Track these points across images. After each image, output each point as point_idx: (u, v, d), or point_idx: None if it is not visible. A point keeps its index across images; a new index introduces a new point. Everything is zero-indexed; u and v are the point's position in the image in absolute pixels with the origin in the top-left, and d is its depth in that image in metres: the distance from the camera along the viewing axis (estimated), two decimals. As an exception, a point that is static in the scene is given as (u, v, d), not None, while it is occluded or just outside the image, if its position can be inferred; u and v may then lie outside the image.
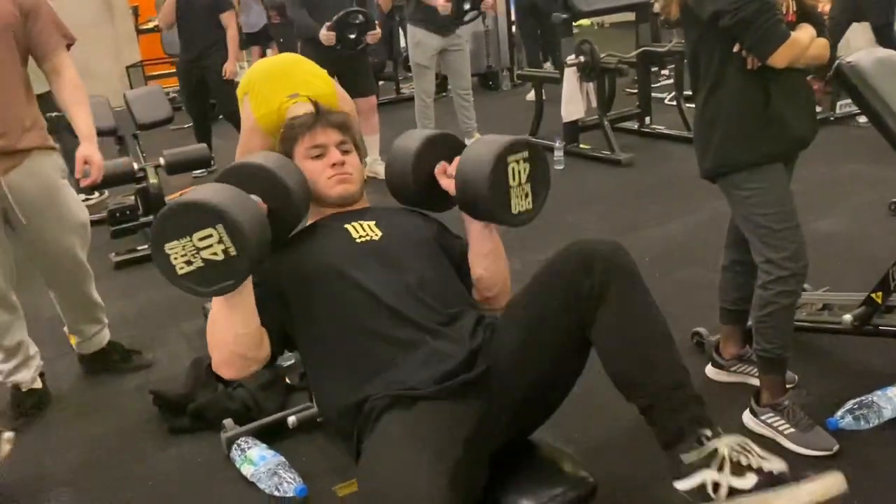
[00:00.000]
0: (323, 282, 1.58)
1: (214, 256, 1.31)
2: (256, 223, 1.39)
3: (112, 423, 2.56)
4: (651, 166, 4.78)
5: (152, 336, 3.16)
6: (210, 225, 1.30)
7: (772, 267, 2.05)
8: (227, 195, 1.38)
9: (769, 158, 2.02)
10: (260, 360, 1.53)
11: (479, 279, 1.76)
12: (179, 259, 1.32)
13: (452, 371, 1.45)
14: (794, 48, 1.90)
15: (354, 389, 1.48)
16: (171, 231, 1.32)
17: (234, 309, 1.45)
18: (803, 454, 2.03)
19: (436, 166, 1.75)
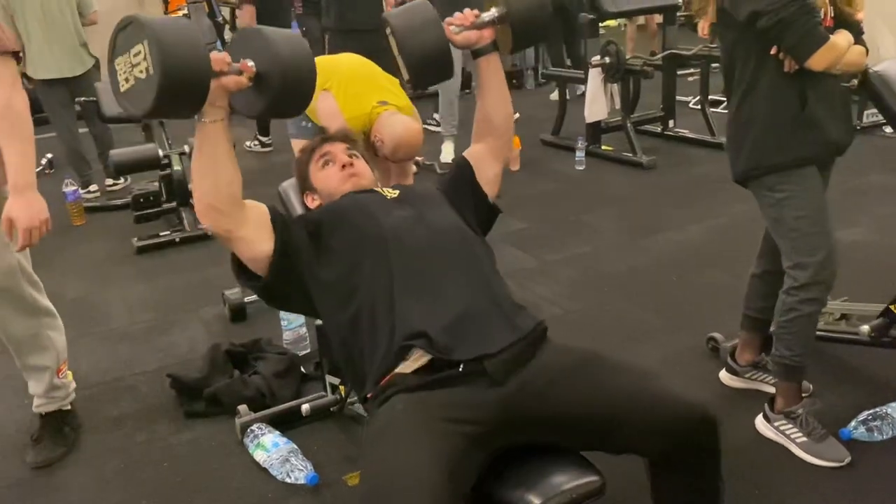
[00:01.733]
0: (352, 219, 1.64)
1: (140, 74, 1.33)
2: (187, 50, 1.34)
3: (129, 404, 2.60)
4: (673, 170, 4.76)
5: (171, 320, 3.20)
6: (140, 40, 1.33)
7: (799, 272, 2.03)
8: (169, 22, 1.38)
9: (803, 161, 2.00)
10: (235, 219, 1.52)
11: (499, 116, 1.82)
12: (122, 76, 1.37)
13: (492, 353, 1.44)
14: (833, 52, 1.88)
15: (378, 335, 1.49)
16: (119, 46, 1.37)
17: (203, 155, 1.48)
18: (814, 464, 2.02)
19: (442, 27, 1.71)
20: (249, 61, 1.48)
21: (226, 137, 1.50)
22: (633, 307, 3.02)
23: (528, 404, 1.43)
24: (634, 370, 1.53)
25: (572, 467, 1.43)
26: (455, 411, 1.37)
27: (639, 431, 1.43)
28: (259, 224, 1.58)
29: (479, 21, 1.72)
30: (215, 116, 1.46)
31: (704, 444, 1.46)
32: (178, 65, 1.33)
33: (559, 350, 1.52)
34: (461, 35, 1.71)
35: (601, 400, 1.45)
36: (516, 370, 1.45)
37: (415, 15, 1.71)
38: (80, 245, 4.23)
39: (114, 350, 3.00)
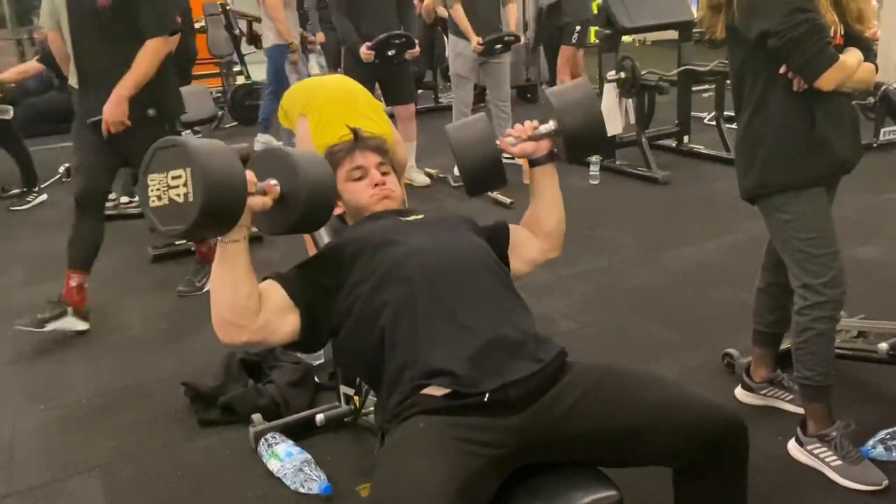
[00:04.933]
0: (374, 244, 1.63)
1: (177, 197, 1.35)
2: (228, 183, 1.36)
3: (144, 411, 2.61)
4: (688, 185, 4.75)
5: (186, 329, 3.21)
6: (182, 166, 1.34)
7: (808, 292, 2.03)
8: (213, 149, 1.39)
9: (811, 182, 2.01)
10: (253, 330, 1.52)
11: (551, 223, 1.85)
12: (154, 192, 1.38)
13: (514, 383, 1.43)
14: (842, 71, 1.88)
15: (396, 363, 1.50)
16: (156, 163, 1.38)
17: (223, 272, 1.48)
18: (851, 488, 1.99)
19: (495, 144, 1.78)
20: (273, 180, 1.50)
21: (246, 256, 1.50)
22: (648, 323, 3.01)
23: (549, 427, 1.43)
24: (655, 379, 1.53)
25: (589, 482, 1.42)
26: (475, 433, 1.38)
27: (666, 440, 1.43)
28: (278, 311, 1.56)
29: (535, 133, 1.76)
30: (237, 237, 1.47)
31: (733, 448, 1.46)
32: (218, 200, 1.35)
33: (580, 372, 1.51)
34: (518, 147, 1.76)
35: (625, 413, 1.45)
36: (538, 398, 1.45)
37: (469, 129, 1.79)
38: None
39: (129, 357, 3.01)
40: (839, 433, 2.06)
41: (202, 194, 1.33)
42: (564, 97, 1.76)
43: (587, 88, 1.79)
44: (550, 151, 1.80)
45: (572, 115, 1.73)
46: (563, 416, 1.44)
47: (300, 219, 1.55)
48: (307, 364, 2.69)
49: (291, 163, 1.53)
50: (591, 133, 1.75)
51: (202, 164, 1.34)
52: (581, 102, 1.75)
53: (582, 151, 1.83)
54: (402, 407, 1.46)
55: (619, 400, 1.47)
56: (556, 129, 1.75)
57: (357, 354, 1.63)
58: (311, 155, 1.62)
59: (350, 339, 1.62)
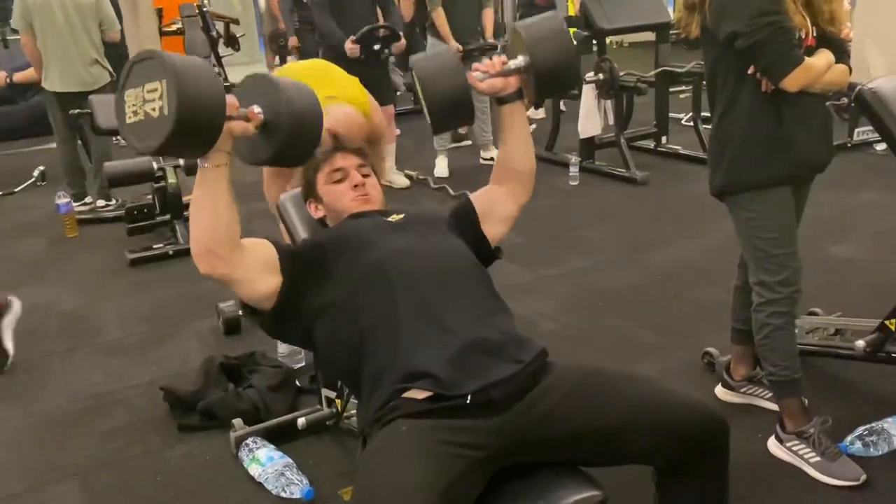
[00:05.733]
0: (355, 245, 1.62)
1: (152, 111, 1.32)
2: (205, 98, 1.32)
3: (122, 417, 2.58)
4: (666, 186, 4.78)
5: (164, 333, 3.18)
6: (158, 78, 1.31)
7: (763, 289, 2.08)
8: (190, 62, 1.35)
9: (776, 181, 2.04)
10: (233, 263, 1.50)
11: (523, 163, 1.82)
12: (130, 108, 1.35)
13: (495, 384, 1.43)
14: (808, 73, 1.90)
15: (374, 366, 1.49)
16: (133, 78, 1.35)
17: (203, 197, 1.46)
18: (830, 484, 2.01)
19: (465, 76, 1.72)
20: (257, 108, 1.47)
21: (227, 182, 1.48)
22: (628, 323, 3.02)
23: (532, 428, 1.43)
24: (637, 378, 1.54)
25: (572, 482, 1.42)
26: (458, 435, 1.37)
27: (648, 438, 1.44)
28: (260, 264, 1.56)
29: (505, 68, 1.71)
30: (218, 161, 1.45)
31: (714, 445, 1.46)
32: (194, 111, 1.32)
33: (561, 373, 1.51)
34: (486, 82, 1.71)
35: (607, 412, 1.45)
36: (520, 399, 1.45)
37: (438, 62, 1.74)
38: (73, 257, 4.21)
39: (107, 363, 2.97)
40: (817, 430, 2.08)
41: (176, 106, 1.29)
42: (535, 30, 1.69)
43: (559, 20, 1.73)
44: (519, 88, 1.75)
45: (544, 49, 1.67)
46: (546, 417, 1.44)
47: (283, 147, 1.51)
48: (288, 368, 2.67)
49: (277, 90, 1.48)
50: (563, 67, 1.70)
51: (178, 74, 1.30)
52: (553, 35, 1.69)
53: (553, 87, 1.77)
54: (383, 410, 1.45)
55: (600, 399, 1.47)
56: (527, 64, 1.69)
57: (337, 357, 1.62)
58: (299, 85, 1.58)
59: (330, 341, 1.61)
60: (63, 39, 4.65)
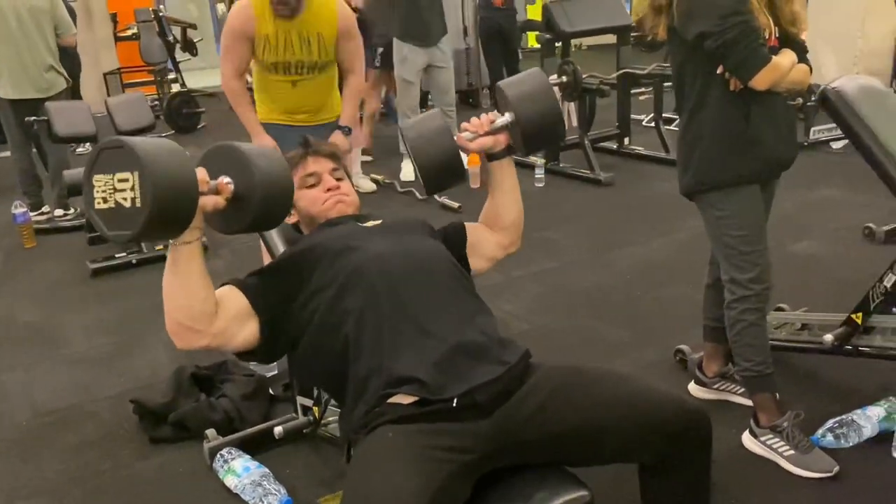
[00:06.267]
0: (332, 251, 1.60)
1: (123, 201, 1.29)
2: (179, 188, 1.31)
3: (91, 431, 2.52)
4: (630, 186, 4.84)
5: (132, 343, 3.12)
6: (129, 169, 1.28)
7: (735, 286, 2.12)
8: (164, 152, 1.32)
9: (746, 179, 2.07)
10: (211, 335, 1.47)
11: (510, 217, 1.84)
12: (100, 193, 1.32)
13: (480, 387, 1.43)
14: (776, 72, 1.94)
15: (358, 373, 1.48)
16: (102, 164, 1.31)
17: (176, 276, 1.43)
18: (804, 476, 2.05)
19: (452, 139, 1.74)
20: (226, 178, 1.44)
21: (200, 257, 1.45)
22: (599, 322, 3.05)
23: (517, 430, 1.43)
24: (619, 376, 1.55)
25: (559, 483, 1.43)
26: (444, 440, 1.37)
27: (633, 436, 1.45)
28: (235, 320, 1.52)
29: (493, 127, 1.73)
30: (189, 238, 1.41)
31: (697, 440, 1.48)
32: (168, 202, 1.29)
33: (544, 374, 1.52)
34: (476, 142, 1.73)
35: (590, 412, 1.45)
36: (505, 401, 1.45)
37: (426, 126, 1.75)
38: (33, 268, 4.11)
39: (72, 375, 2.90)
40: (790, 423, 2.12)
41: (150, 201, 1.26)
42: (519, 88, 1.73)
43: (542, 78, 1.76)
44: (508, 144, 1.78)
45: (529, 106, 1.70)
46: (531, 418, 1.44)
47: (256, 217, 1.48)
48: (260, 376, 2.64)
49: (244, 158, 1.46)
50: (548, 123, 1.73)
51: (150, 169, 1.27)
52: (536, 92, 1.72)
53: (540, 142, 1.82)
54: (368, 417, 1.44)
55: (585, 399, 1.47)
56: (513, 120, 1.71)
57: (319, 364, 1.60)
58: (265, 150, 1.56)
59: (312, 348, 1.59)
60: (16, 44, 4.53)
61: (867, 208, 3.88)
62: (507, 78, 1.84)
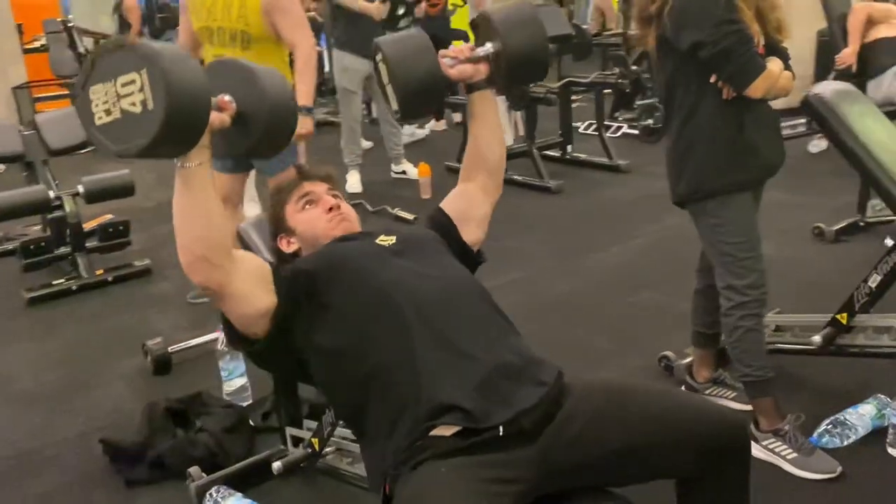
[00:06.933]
0: (352, 273, 1.52)
1: (132, 107, 1.19)
2: (189, 85, 1.21)
3: (55, 478, 2.31)
4: (579, 193, 4.86)
5: (85, 378, 2.90)
6: (135, 69, 1.17)
7: (732, 293, 2.12)
8: (171, 51, 1.23)
9: (740, 186, 2.09)
10: (227, 270, 1.39)
11: (494, 154, 1.79)
12: (100, 106, 1.21)
13: (525, 412, 1.36)
14: (770, 79, 1.97)
15: (391, 405, 1.39)
16: (98, 72, 1.21)
17: (189, 200, 1.34)
18: (809, 478, 2.06)
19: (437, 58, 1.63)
20: (227, 96, 1.35)
21: (211, 180, 1.36)
22: (578, 331, 3.03)
23: (564, 454, 1.37)
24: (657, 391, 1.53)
25: (615, 503, 1.38)
26: (498, 471, 1.30)
27: (676, 451, 1.41)
28: (255, 278, 1.45)
29: (474, 55, 1.66)
30: (202, 158, 1.32)
31: (738, 451, 1.46)
32: (183, 102, 1.18)
33: (582, 394, 1.46)
34: (456, 68, 1.65)
35: (634, 431, 1.41)
36: (547, 425, 1.39)
37: (409, 42, 1.63)
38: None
39: (23, 417, 2.68)
40: (791, 426, 2.14)
41: (165, 97, 1.16)
42: (507, 18, 1.65)
43: (530, 7, 1.69)
44: (489, 75, 1.70)
45: (516, 38, 1.63)
46: (575, 442, 1.39)
47: (261, 137, 1.40)
48: (239, 407, 2.49)
49: (250, 76, 1.38)
50: (535, 54, 1.66)
51: (161, 61, 1.16)
52: (525, 21, 1.65)
53: (525, 74, 1.74)
54: (410, 452, 1.35)
55: (628, 417, 1.43)
56: (497, 50, 1.64)
57: (340, 393, 1.51)
58: (270, 70, 1.47)
59: (334, 380, 1.50)
60: None
61: (811, 209, 4.03)
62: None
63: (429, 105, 1.70)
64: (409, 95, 1.61)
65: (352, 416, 1.55)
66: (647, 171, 5.13)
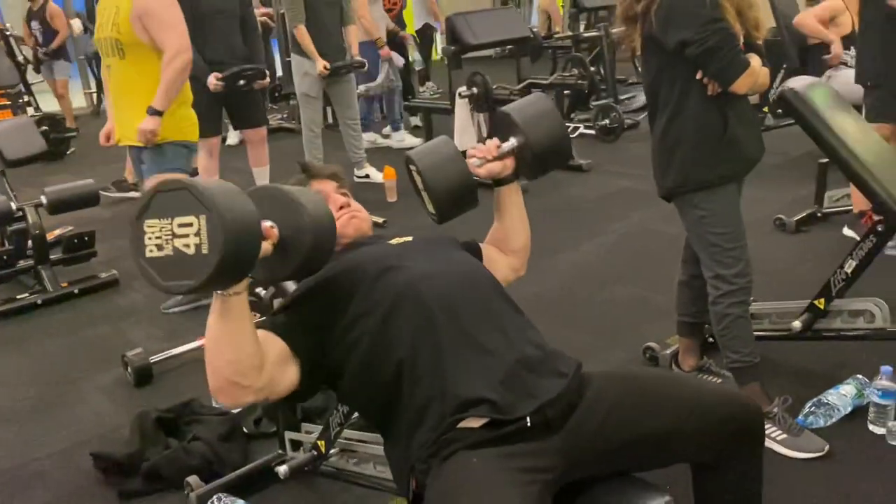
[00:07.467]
0: (371, 274, 1.51)
1: (186, 248, 1.20)
2: (245, 234, 1.24)
3: (44, 494, 2.25)
4: (544, 193, 4.91)
5: (63, 393, 2.82)
6: (194, 213, 1.19)
7: (720, 282, 2.19)
8: (227, 194, 1.24)
9: (726, 179, 2.16)
10: (257, 389, 1.38)
11: (520, 241, 1.86)
12: (153, 240, 1.22)
13: (550, 403, 1.39)
14: (753, 76, 2.05)
15: (419, 398, 1.40)
16: (157, 207, 1.22)
17: (226, 328, 1.33)
18: (798, 458, 2.14)
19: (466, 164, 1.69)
20: (268, 222, 1.35)
21: (248, 308, 1.34)
22: (560, 327, 3.07)
23: (588, 442, 1.40)
24: (673, 377, 1.57)
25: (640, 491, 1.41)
26: (528, 461, 1.33)
27: (696, 435, 1.45)
28: (279, 364, 1.42)
29: (500, 152, 1.70)
30: (240, 288, 1.31)
31: (754, 433, 1.51)
32: (237, 250, 1.20)
33: (600, 384, 1.50)
34: (485, 167, 1.69)
35: (655, 418, 1.45)
36: (571, 414, 1.42)
37: (438, 153, 1.69)
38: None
39: (4, 434, 2.59)
40: (780, 409, 2.21)
41: (222, 246, 1.17)
42: (525, 112, 1.73)
43: (546, 100, 1.78)
44: (515, 170, 1.77)
45: (537, 128, 1.70)
46: (599, 430, 1.42)
47: (303, 263, 1.41)
48: (232, 414, 2.45)
49: (292, 202, 1.39)
50: (558, 145, 1.74)
51: (221, 212, 1.18)
52: (543, 114, 1.73)
53: (550, 162, 1.80)
54: (438, 445, 1.36)
55: (647, 404, 1.47)
56: (521, 143, 1.71)
57: (366, 394, 1.51)
58: (310, 194, 1.48)
59: (359, 379, 1.49)
60: None
61: (770, 203, 4.16)
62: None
63: (464, 207, 1.73)
64: (445, 203, 1.68)
65: (377, 414, 1.55)
66: (607, 170, 5.24)
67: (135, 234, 1.22)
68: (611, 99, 6.17)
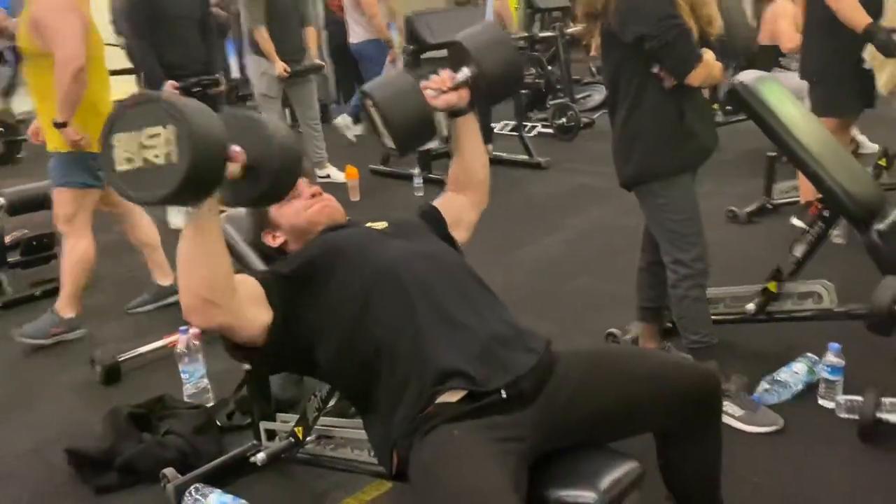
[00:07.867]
0: (351, 255, 1.58)
1: (155, 159, 1.23)
2: (213, 141, 1.27)
3: (16, 492, 2.24)
4: (504, 190, 5.00)
5: (30, 393, 2.80)
6: (162, 123, 1.22)
7: (679, 266, 2.30)
8: (195, 107, 1.28)
9: (682, 169, 2.27)
10: (230, 310, 1.42)
11: (480, 172, 1.95)
12: (122, 154, 1.25)
13: (524, 376, 1.46)
14: (707, 69, 2.15)
15: (397, 374, 1.47)
16: (124, 121, 1.25)
17: (198, 245, 1.37)
18: (755, 433, 2.25)
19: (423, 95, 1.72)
20: (236, 147, 1.38)
21: (220, 226, 1.40)
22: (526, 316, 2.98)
23: (559, 415, 1.48)
24: (639, 352, 1.65)
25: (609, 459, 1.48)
26: (504, 432, 1.39)
27: (662, 406, 1.55)
28: (251, 301, 1.48)
29: (455, 82, 1.74)
30: (212, 205, 1.36)
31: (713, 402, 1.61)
32: (205, 158, 1.23)
33: (570, 360, 1.58)
34: (441, 98, 1.73)
35: (623, 390, 1.53)
36: (543, 388, 1.49)
37: (395, 85, 1.72)
38: None
39: (-31, 435, 2.56)
40: (737, 387, 2.32)
41: (190, 154, 1.20)
42: (478, 40, 1.76)
43: (497, 28, 1.81)
44: (471, 100, 1.80)
45: (489, 58, 1.73)
46: (569, 402, 1.50)
47: (266, 190, 1.44)
48: (206, 408, 2.48)
49: (264, 129, 1.42)
50: (511, 72, 1.77)
51: (189, 119, 1.21)
52: (495, 42, 1.76)
53: (503, 90, 1.84)
54: (418, 420, 1.42)
55: (615, 377, 1.56)
56: (474, 74, 1.74)
57: (347, 373, 1.57)
58: (277, 123, 1.51)
59: (337, 356, 1.55)
60: None
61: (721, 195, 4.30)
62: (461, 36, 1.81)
63: (424, 139, 1.78)
64: (404, 134, 1.71)
65: (358, 393, 1.60)
66: (565, 168, 5.35)
67: (105, 152, 1.25)
68: (567, 98, 6.29)
